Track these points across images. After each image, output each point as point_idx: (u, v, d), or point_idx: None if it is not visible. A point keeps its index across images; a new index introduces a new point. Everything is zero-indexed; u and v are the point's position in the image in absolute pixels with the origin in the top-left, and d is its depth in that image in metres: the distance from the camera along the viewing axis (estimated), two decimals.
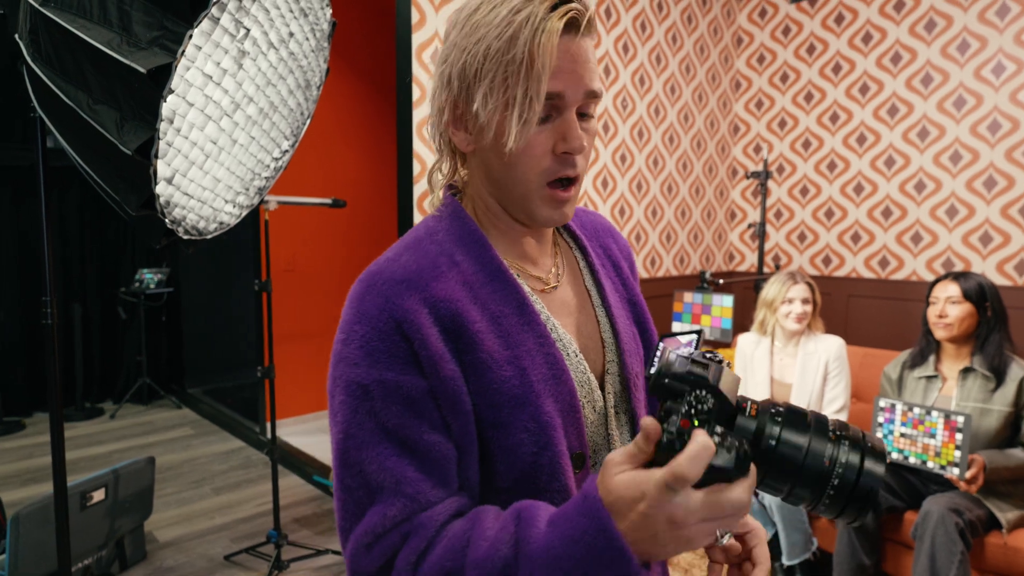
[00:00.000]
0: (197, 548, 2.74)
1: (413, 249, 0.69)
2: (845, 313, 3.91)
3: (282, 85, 1.85)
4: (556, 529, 0.55)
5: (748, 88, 4.24)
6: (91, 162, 1.58)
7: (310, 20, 1.86)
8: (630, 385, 0.77)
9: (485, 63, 0.64)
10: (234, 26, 1.54)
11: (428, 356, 0.63)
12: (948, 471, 1.93)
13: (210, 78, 1.54)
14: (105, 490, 2.42)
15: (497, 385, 0.65)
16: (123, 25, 1.45)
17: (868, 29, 3.71)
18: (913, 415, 1.98)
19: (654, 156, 3.71)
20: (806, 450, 0.54)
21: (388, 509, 0.61)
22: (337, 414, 0.64)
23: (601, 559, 0.52)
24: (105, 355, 5.02)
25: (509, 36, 0.62)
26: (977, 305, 2.09)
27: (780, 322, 2.51)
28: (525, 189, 0.68)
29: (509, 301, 0.69)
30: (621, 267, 0.85)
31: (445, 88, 0.68)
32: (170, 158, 1.53)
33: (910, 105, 3.59)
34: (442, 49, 0.69)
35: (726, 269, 4.44)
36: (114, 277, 5.01)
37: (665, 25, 3.66)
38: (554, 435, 0.66)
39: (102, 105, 1.48)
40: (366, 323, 0.64)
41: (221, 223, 1.92)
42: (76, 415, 4.55)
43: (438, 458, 0.63)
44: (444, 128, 0.71)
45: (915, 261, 3.67)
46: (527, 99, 0.63)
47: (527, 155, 0.66)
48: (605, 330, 0.78)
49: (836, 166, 3.91)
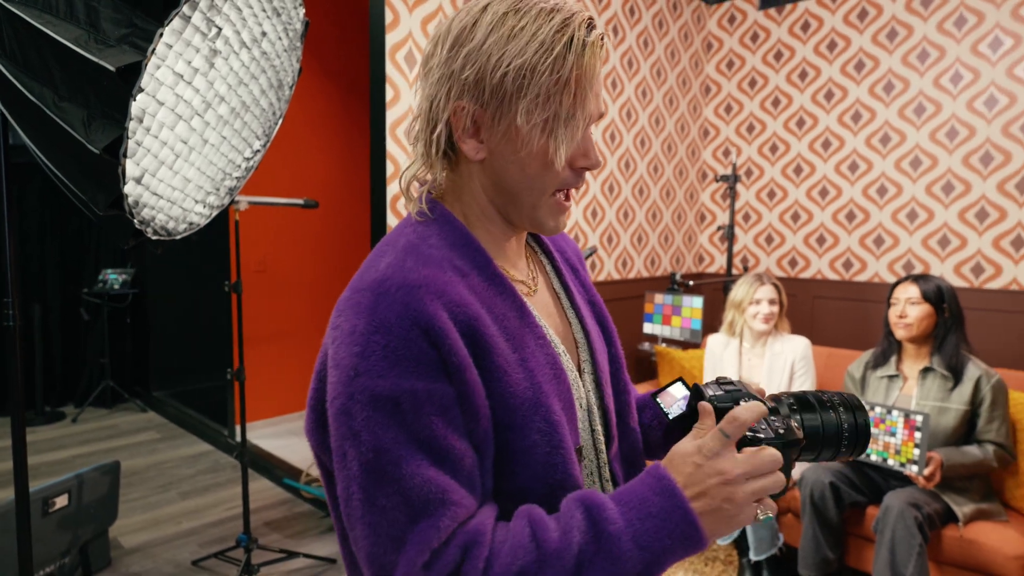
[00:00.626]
0: (164, 554, 2.69)
1: (414, 255, 0.67)
2: (811, 314, 4.01)
3: (254, 85, 1.83)
4: (631, 509, 0.61)
5: (717, 93, 4.32)
6: (57, 161, 1.55)
7: (283, 20, 1.84)
8: (602, 382, 0.80)
9: (529, 79, 0.63)
10: (206, 24, 1.52)
11: (456, 362, 0.62)
12: (908, 468, 2.00)
13: (181, 77, 1.52)
14: (68, 496, 2.36)
15: (512, 388, 0.65)
16: (91, 22, 1.42)
17: (833, 37, 3.81)
18: (875, 414, 2.04)
19: (626, 159, 3.76)
20: (821, 424, 0.72)
21: (439, 520, 0.59)
22: (361, 433, 0.60)
23: (676, 532, 0.59)
24: (67, 357, 4.88)
25: (555, 56, 0.63)
26: (935, 306, 2.16)
27: (748, 323, 2.56)
28: (538, 199, 0.70)
29: (509, 304, 0.70)
30: (578, 269, 0.88)
31: (468, 95, 0.66)
32: (139, 157, 1.51)
33: (872, 111, 3.70)
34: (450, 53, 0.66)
35: (696, 271, 4.51)
36: (77, 277, 4.88)
37: (637, 30, 3.71)
38: (563, 434, 0.68)
39: (68, 103, 1.45)
40: (386, 332, 0.61)
41: (191, 223, 1.89)
42: (37, 419, 4.42)
43: (469, 465, 0.63)
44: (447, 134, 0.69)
45: (877, 263, 3.78)
46: (574, 120, 0.66)
47: (547, 167, 0.68)
48: (577, 331, 0.81)
49: (802, 170, 4.00)
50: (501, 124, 0.66)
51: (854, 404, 0.74)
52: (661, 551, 0.59)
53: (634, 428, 0.85)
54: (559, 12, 0.65)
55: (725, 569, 2.49)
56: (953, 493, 2.09)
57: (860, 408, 0.74)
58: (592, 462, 0.77)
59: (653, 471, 0.63)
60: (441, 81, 0.67)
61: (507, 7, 0.65)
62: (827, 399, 0.74)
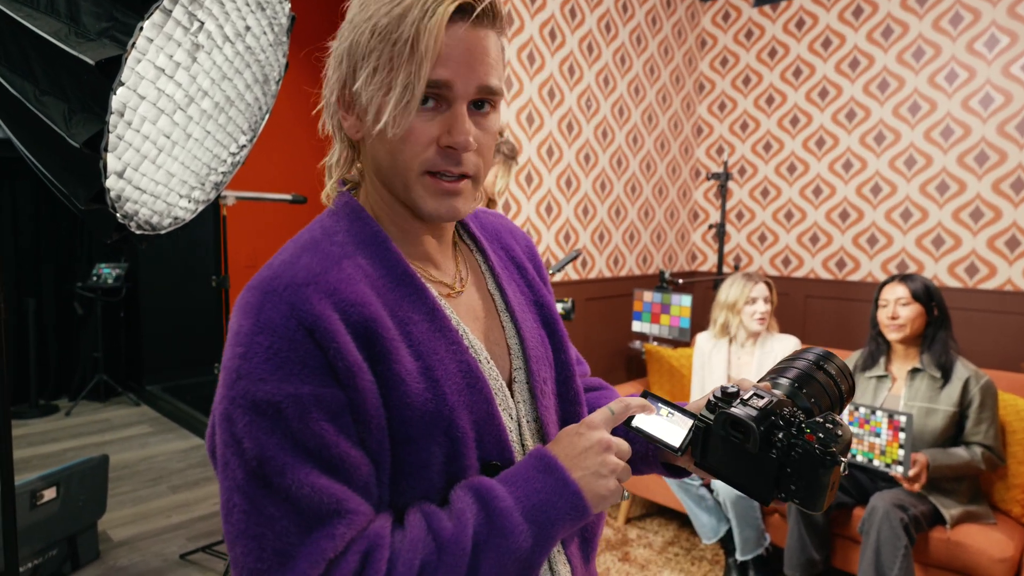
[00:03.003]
0: (152, 547, 2.69)
1: (312, 251, 0.63)
2: (803, 313, 4.01)
3: (239, 79, 1.83)
4: (518, 487, 0.62)
5: (711, 90, 4.31)
6: (39, 154, 1.54)
7: (268, 14, 1.83)
8: (537, 392, 0.73)
9: (371, 40, 0.60)
10: (187, 19, 1.51)
11: (345, 366, 0.58)
12: (893, 469, 2.00)
13: (162, 71, 1.51)
14: (56, 488, 2.36)
15: (410, 400, 0.61)
16: (71, 15, 1.41)
17: (827, 34, 3.80)
18: (859, 415, 2.04)
19: (618, 156, 3.75)
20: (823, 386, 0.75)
21: (334, 529, 0.55)
22: (243, 440, 0.56)
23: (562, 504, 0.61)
24: (61, 351, 4.89)
25: (398, 14, 0.59)
26: (925, 305, 2.16)
27: (744, 322, 2.54)
28: (406, 179, 0.64)
29: (418, 307, 0.64)
30: (525, 268, 0.81)
31: (337, 68, 0.65)
32: (120, 152, 1.50)
33: (867, 110, 3.69)
34: (339, 33, 0.65)
35: (688, 269, 4.50)
36: (70, 271, 4.88)
37: (630, 26, 3.70)
38: (466, 450, 0.64)
39: (49, 96, 1.45)
40: (269, 332, 0.57)
41: (176, 218, 1.89)
42: (30, 412, 4.42)
43: (366, 474, 0.60)
44: (334, 112, 0.67)
45: (871, 263, 3.78)
46: (408, 82, 0.59)
47: (409, 143, 0.62)
48: (511, 336, 0.74)
49: (796, 168, 4.00)
50: (357, 95, 0.63)
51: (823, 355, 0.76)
52: (549, 522, 0.60)
53: None
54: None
55: (711, 569, 2.49)
56: (940, 495, 2.09)
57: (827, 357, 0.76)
58: None
59: (535, 452, 0.65)
60: (333, 60, 0.66)
61: None
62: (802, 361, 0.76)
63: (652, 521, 2.89)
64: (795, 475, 0.64)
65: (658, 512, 2.98)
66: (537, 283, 0.81)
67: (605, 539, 2.71)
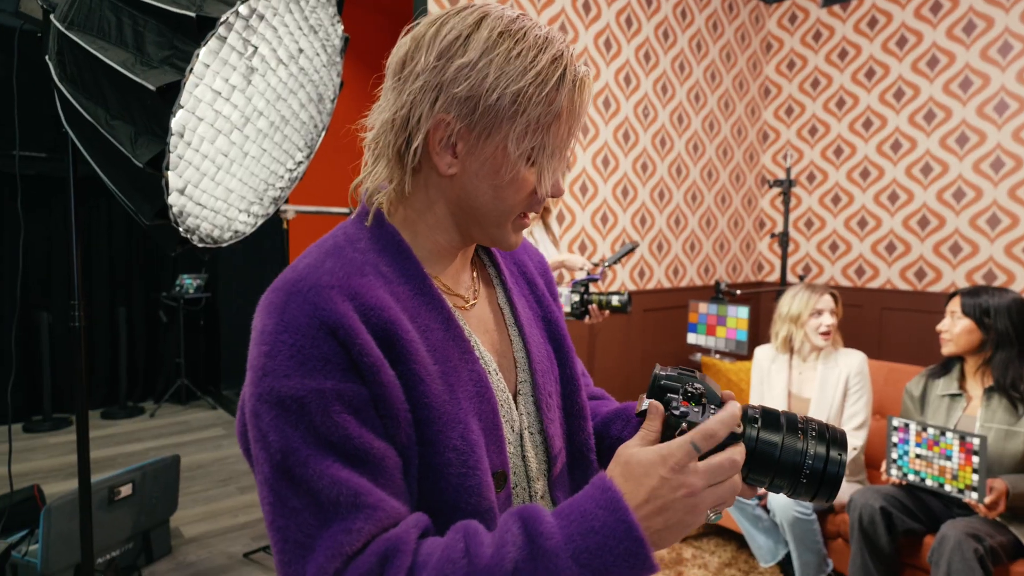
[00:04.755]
0: (219, 545, 2.83)
1: (336, 256, 0.65)
2: (878, 327, 3.79)
3: (293, 99, 1.91)
4: (572, 523, 0.56)
5: (778, 95, 4.16)
6: (110, 174, 1.66)
7: (320, 36, 1.91)
8: (542, 405, 0.75)
9: (525, 106, 0.62)
10: (242, 44, 1.60)
11: (368, 363, 0.59)
12: (967, 495, 1.85)
13: (219, 94, 1.60)
14: (132, 485, 2.52)
15: (428, 400, 0.62)
16: (137, 45, 1.52)
17: (903, 32, 3.60)
18: (928, 436, 1.90)
19: (677, 164, 3.68)
20: (781, 446, 0.63)
21: (351, 524, 0.55)
22: (269, 434, 0.58)
23: (619, 549, 0.54)
24: (148, 357, 5.23)
25: (550, 88, 0.63)
26: (977, 322, 2.02)
27: (809, 336, 2.42)
28: (503, 219, 0.69)
29: (435, 315, 0.67)
30: (536, 284, 0.84)
31: (457, 110, 0.63)
32: (181, 170, 1.60)
33: (948, 110, 3.47)
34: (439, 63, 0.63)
35: (755, 279, 4.35)
36: (156, 282, 5.22)
37: (689, 33, 3.63)
38: (479, 454, 0.64)
39: (119, 120, 1.56)
40: (294, 331, 0.59)
41: (236, 231, 1.99)
42: (119, 413, 4.75)
43: (391, 468, 0.60)
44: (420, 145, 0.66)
45: (954, 273, 3.53)
46: (560, 153, 0.67)
47: (520, 192, 0.67)
48: (517, 349, 0.76)
49: (869, 174, 3.80)
50: (487, 146, 0.64)
51: (833, 439, 0.64)
52: (602, 569, 0.54)
53: (587, 455, 0.79)
54: (552, 43, 0.64)
55: None
56: (1022, 525, 1.92)
57: (838, 444, 0.63)
58: (524, 490, 0.73)
59: (598, 482, 0.58)
60: (425, 89, 0.63)
61: (503, 27, 0.63)
62: (802, 424, 0.65)
63: (709, 541, 2.80)
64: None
65: (715, 532, 2.87)
66: (546, 299, 0.83)
67: (658, 557, 2.63)
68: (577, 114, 0.65)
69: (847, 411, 2.36)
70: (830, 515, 2.26)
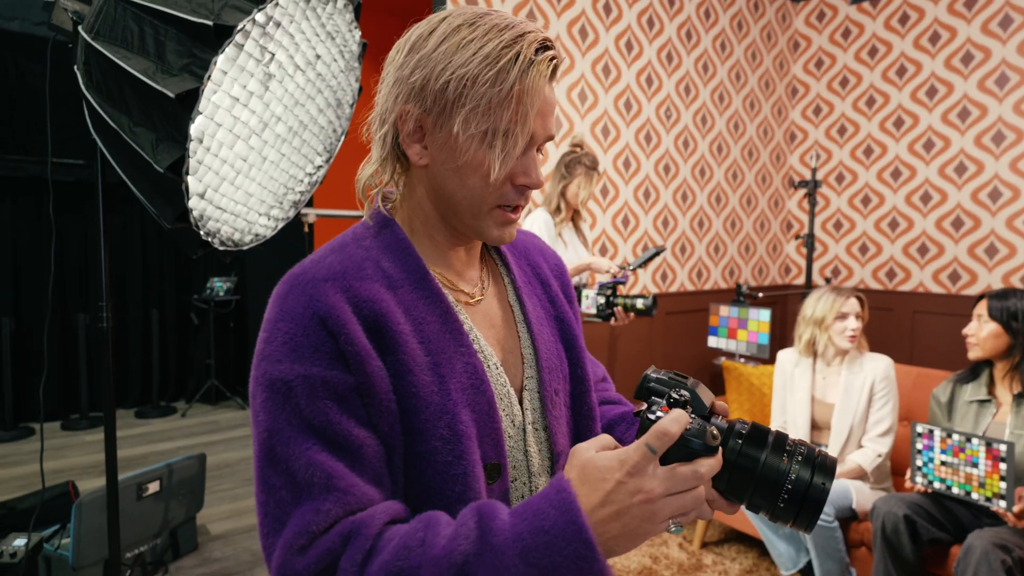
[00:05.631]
0: (244, 542, 2.88)
1: (338, 252, 0.69)
2: (910, 330, 3.69)
3: (311, 105, 1.95)
4: (524, 521, 0.56)
5: (805, 94, 4.09)
6: (134, 179, 1.72)
7: (337, 42, 1.95)
8: (547, 401, 0.76)
9: (471, 89, 0.64)
10: (259, 51, 1.64)
11: (354, 352, 0.62)
12: (994, 503, 1.79)
13: (237, 100, 1.64)
14: (159, 483, 2.58)
15: (416, 390, 0.64)
16: (159, 54, 1.57)
17: (936, 28, 3.50)
18: (953, 442, 1.84)
19: (701, 166, 3.64)
20: (762, 463, 0.60)
21: (321, 504, 0.58)
22: (259, 414, 0.62)
23: (567, 551, 0.54)
24: (180, 358, 5.36)
25: (499, 69, 0.63)
26: (1005, 325, 1.96)
27: (834, 339, 2.37)
28: (478, 210, 0.70)
29: (433, 309, 0.69)
30: (550, 284, 0.85)
31: (414, 100, 0.67)
32: (201, 174, 1.64)
33: (983, 108, 3.37)
34: (406, 58, 0.67)
35: (782, 282, 4.27)
36: (188, 285, 5.35)
37: (713, 32, 3.59)
38: (468, 445, 0.65)
39: (141, 127, 1.61)
40: (289, 320, 0.63)
41: (256, 235, 2.03)
42: (152, 412, 4.88)
43: (370, 455, 0.62)
44: (394, 136, 0.70)
45: (990, 275, 3.42)
46: (512, 135, 0.65)
47: (484, 179, 0.67)
48: (525, 345, 0.78)
49: (901, 174, 3.70)
50: (442, 131, 0.67)
51: (820, 464, 0.60)
52: (550, 569, 0.54)
53: None
54: (511, 29, 0.65)
55: None
56: None
57: (826, 471, 0.60)
58: (525, 485, 0.74)
59: (555, 482, 0.58)
60: (393, 85, 0.68)
61: (463, 20, 0.66)
62: (790, 444, 0.61)
63: (731, 547, 2.75)
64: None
65: (736, 538, 2.83)
66: (560, 300, 0.84)
67: (677, 563, 2.60)
68: (532, 96, 0.65)
69: (872, 417, 2.30)
70: (853, 523, 2.21)
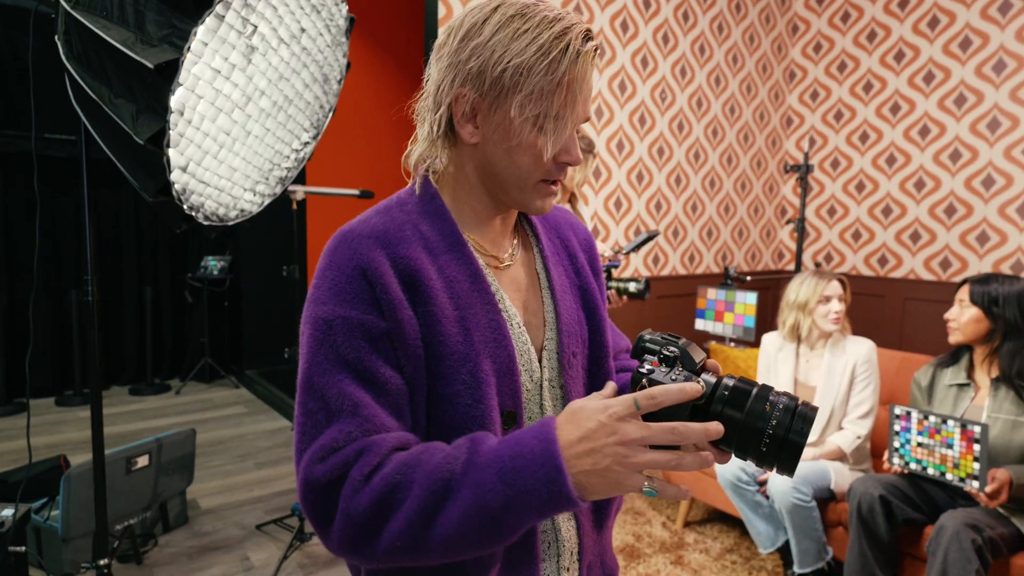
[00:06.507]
0: (233, 516, 2.91)
1: (383, 214, 0.78)
2: (901, 317, 3.69)
3: (296, 79, 1.94)
4: (507, 446, 0.64)
5: (803, 78, 4.06)
6: (115, 151, 1.71)
7: (323, 16, 1.93)
8: (564, 362, 0.83)
9: (526, 77, 0.70)
10: (240, 23, 1.62)
11: (388, 300, 0.71)
12: (968, 484, 1.80)
13: (218, 72, 1.63)
14: (149, 456, 2.61)
15: (443, 338, 0.72)
16: (138, 24, 1.56)
17: (935, 13, 3.47)
18: (929, 424, 1.85)
19: (695, 149, 3.62)
20: (746, 411, 0.65)
21: (345, 426, 0.67)
22: (304, 347, 0.72)
23: (540, 473, 0.61)
24: (175, 336, 5.38)
25: (551, 59, 0.70)
26: (986, 311, 1.96)
27: (818, 323, 2.38)
28: (524, 184, 0.77)
29: (464, 270, 0.77)
30: (576, 256, 0.92)
31: (471, 84, 0.73)
32: (183, 148, 1.64)
33: (979, 94, 3.35)
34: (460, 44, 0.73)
35: (775, 267, 4.27)
36: (183, 263, 5.36)
37: (711, 14, 3.56)
38: (487, 391, 0.73)
39: (121, 99, 1.61)
40: (335, 269, 0.72)
41: (242, 210, 2.03)
42: (146, 390, 4.91)
43: (393, 391, 0.70)
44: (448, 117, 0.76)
45: (980, 263, 3.42)
46: (563, 119, 0.72)
47: (535, 159, 0.74)
48: (548, 310, 0.85)
49: (895, 160, 3.69)
50: (496, 114, 0.73)
51: (799, 413, 0.64)
52: (524, 490, 0.61)
53: None
54: (560, 21, 0.71)
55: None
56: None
57: (804, 419, 0.63)
58: None
59: (542, 420, 0.66)
60: (449, 68, 0.74)
61: (515, 11, 0.72)
62: (773, 395, 0.65)
63: (712, 527, 2.78)
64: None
65: (719, 518, 2.86)
66: (585, 271, 0.92)
67: (660, 541, 2.63)
68: (579, 84, 0.72)
69: (853, 399, 2.31)
70: (831, 503, 2.23)
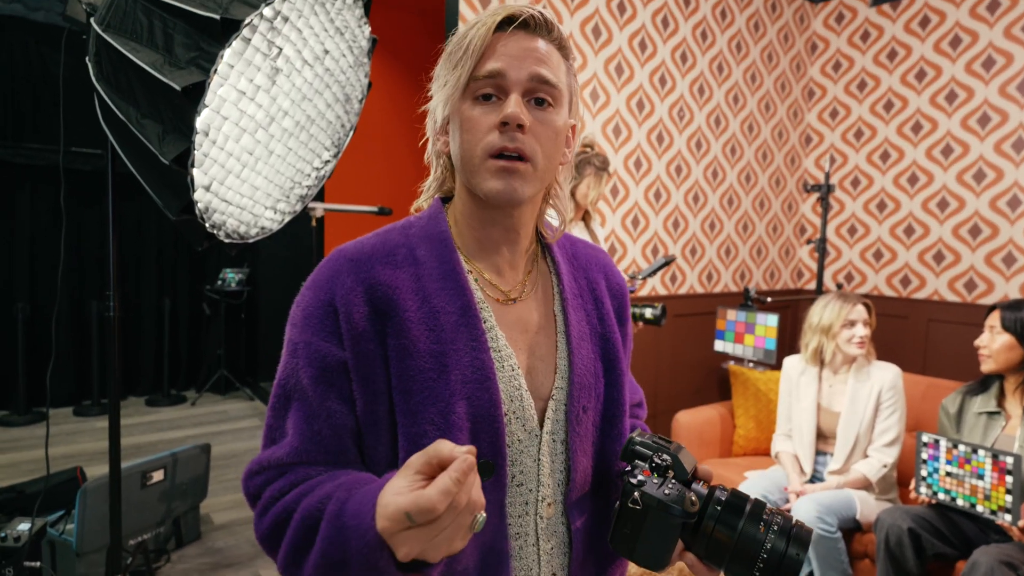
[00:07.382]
0: (246, 532, 2.90)
1: (381, 236, 0.76)
2: (924, 339, 3.63)
3: (319, 99, 1.95)
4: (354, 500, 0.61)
5: (822, 97, 4.03)
6: (140, 170, 1.73)
7: (346, 38, 1.95)
8: (571, 416, 0.75)
9: (443, 64, 0.73)
10: (266, 45, 1.64)
11: (350, 331, 0.68)
12: (1000, 517, 1.75)
13: (243, 93, 1.65)
14: (164, 471, 2.61)
15: (414, 373, 0.68)
16: (167, 47, 1.58)
17: (957, 32, 3.44)
18: (958, 453, 1.81)
19: (713, 167, 3.60)
20: (739, 532, 0.63)
21: (278, 451, 0.70)
22: (279, 365, 0.74)
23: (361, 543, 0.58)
24: (191, 347, 5.41)
25: (458, 39, 0.71)
26: (1018, 337, 1.91)
27: (842, 347, 2.33)
28: (472, 164, 0.71)
29: (454, 301, 0.71)
30: (603, 302, 0.84)
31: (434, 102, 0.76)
32: (206, 167, 1.65)
33: (1004, 113, 3.30)
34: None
35: (794, 287, 4.22)
36: (201, 275, 5.40)
37: (729, 33, 3.55)
38: (458, 436, 0.67)
39: (148, 119, 1.62)
40: (312, 289, 0.72)
41: (262, 228, 2.04)
42: (162, 401, 4.93)
43: (336, 424, 0.69)
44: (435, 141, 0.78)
45: (1007, 285, 3.36)
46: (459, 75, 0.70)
47: (473, 131, 0.70)
48: (561, 356, 0.77)
49: (918, 179, 3.64)
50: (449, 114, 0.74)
51: (795, 535, 0.62)
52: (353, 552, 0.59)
53: (612, 479, 0.80)
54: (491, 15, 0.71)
55: None
56: None
57: (800, 542, 0.62)
58: (532, 491, 0.74)
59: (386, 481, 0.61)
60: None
61: None
62: (767, 514, 0.64)
63: None
64: None
65: None
66: (610, 319, 0.83)
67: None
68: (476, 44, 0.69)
69: (879, 426, 2.27)
70: (857, 534, 2.18)
